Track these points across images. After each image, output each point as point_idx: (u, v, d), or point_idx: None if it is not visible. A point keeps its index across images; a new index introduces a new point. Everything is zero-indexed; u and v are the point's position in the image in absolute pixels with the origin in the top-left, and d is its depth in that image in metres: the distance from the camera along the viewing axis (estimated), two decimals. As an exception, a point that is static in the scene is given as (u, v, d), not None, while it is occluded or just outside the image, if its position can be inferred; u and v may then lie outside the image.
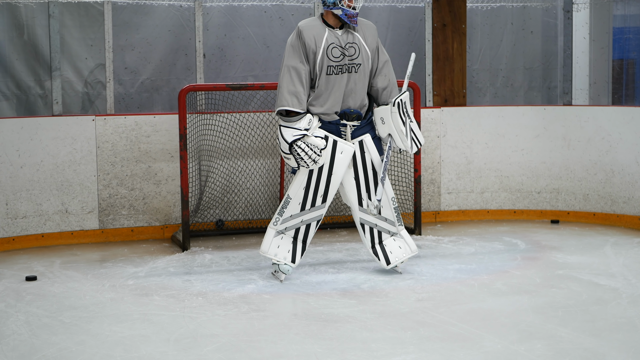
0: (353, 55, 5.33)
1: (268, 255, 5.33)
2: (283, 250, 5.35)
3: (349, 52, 5.32)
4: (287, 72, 5.24)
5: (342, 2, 5.24)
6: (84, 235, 6.61)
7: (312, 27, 5.31)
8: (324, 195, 5.34)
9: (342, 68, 5.31)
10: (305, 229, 5.39)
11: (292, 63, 5.24)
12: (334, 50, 5.29)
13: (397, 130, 5.35)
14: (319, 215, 5.38)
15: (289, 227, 5.36)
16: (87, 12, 6.96)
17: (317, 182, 5.32)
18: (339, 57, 5.30)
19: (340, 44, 5.31)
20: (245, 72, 7.40)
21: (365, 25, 5.46)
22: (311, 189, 5.33)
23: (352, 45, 5.34)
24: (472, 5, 7.79)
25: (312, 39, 5.26)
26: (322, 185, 5.33)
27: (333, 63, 5.29)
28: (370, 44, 5.40)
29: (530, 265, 5.73)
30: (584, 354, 3.94)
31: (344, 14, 5.27)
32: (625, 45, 8.09)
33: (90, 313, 4.65)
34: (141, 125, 6.71)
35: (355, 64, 5.34)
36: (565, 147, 7.32)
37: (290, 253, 5.36)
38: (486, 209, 7.46)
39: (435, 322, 4.44)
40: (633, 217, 6.97)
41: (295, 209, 5.33)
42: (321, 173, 5.31)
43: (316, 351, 4.01)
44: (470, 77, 7.87)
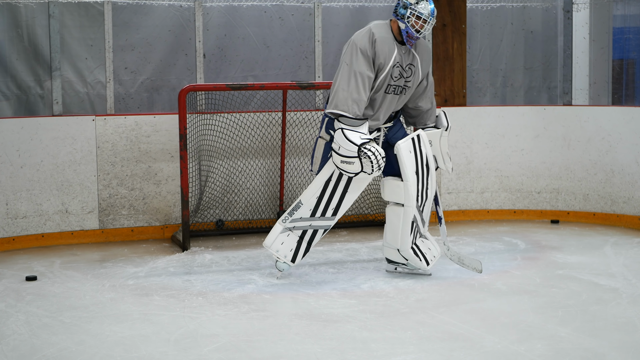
0: (409, 78, 5.30)
1: (270, 249, 5.30)
2: (285, 248, 5.31)
3: (406, 73, 5.27)
4: (354, 77, 5.08)
5: (409, 20, 5.13)
6: (84, 235, 6.61)
7: (386, 39, 5.18)
8: (334, 210, 5.30)
9: (396, 89, 5.29)
10: (312, 232, 5.35)
11: (361, 69, 5.09)
12: (396, 69, 5.22)
13: (443, 153, 5.47)
14: (327, 225, 5.33)
15: (297, 227, 5.32)
16: (87, 12, 6.97)
17: (330, 196, 5.29)
18: (398, 78, 5.25)
19: (402, 64, 5.25)
20: (245, 72, 7.40)
21: (424, 48, 5.39)
22: (323, 200, 5.29)
23: (410, 67, 5.29)
24: (472, 5, 7.79)
25: (384, 52, 5.16)
26: (335, 200, 5.29)
27: (393, 82, 5.24)
28: (424, 68, 5.39)
29: (530, 265, 5.74)
30: (584, 354, 3.94)
31: (406, 31, 5.17)
32: (625, 45, 8.09)
33: (90, 313, 4.65)
34: (141, 125, 6.71)
35: (408, 86, 5.33)
36: (565, 147, 7.32)
37: (292, 252, 5.33)
38: (486, 209, 7.46)
39: (435, 322, 4.44)
40: (633, 217, 6.97)
41: (306, 213, 5.30)
42: (337, 188, 5.27)
43: (316, 351, 4.01)
44: (470, 77, 7.87)
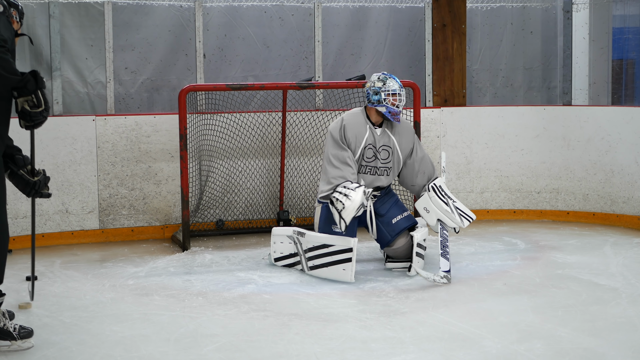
0: (386, 159, 5.58)
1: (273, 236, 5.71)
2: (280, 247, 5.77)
3: (381, 155, 5.55)
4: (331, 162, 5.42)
5: (386, 100, 5.46)
6: (84, 235, 6.62)
7: (356, 124, 5.51)
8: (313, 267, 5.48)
9: (372, 169, 5.57)
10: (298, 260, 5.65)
11: (334, 152, 5.45)
12: (369, 151, 5.52)
13: (442, 211, 5.56)
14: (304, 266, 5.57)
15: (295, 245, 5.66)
16: (87, 12, 6.97)
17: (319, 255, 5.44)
18: (371, 159, 5.54)
19: (375, 145, 5.53)
20: (245, 72, 7.40)
21: (404, 129, 5.65)
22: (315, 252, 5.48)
23: (385, 148, 5.56)
24: (472, 5, 7.79)
25: (354, 136, 5.48)
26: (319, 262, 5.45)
27: (365, 163, 5.54)
28: (404, 148, 5.62)
29: (530, 265, 5.74)
30: (584, 353, 3.94)
31: (388, 111, 5.48)
32: (624, 45, 8.09)
33: (91, 313, 4.65)
34: (141, 125, 6.71)
35: (387, 167, 5.59)
36: (565, 147, 7.32)
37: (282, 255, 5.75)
38: (486, 209, 7.47)
39: (435, 322, 4.45)
40: (632, 217, 6.97)
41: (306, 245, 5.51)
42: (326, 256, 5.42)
43: (316, 351, 4.01)
44: (470, 77, 7.88)
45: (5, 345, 4.03)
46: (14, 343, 4.03)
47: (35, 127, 4.07)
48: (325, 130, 7.05)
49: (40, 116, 4.00)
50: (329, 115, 7.05)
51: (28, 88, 3.91)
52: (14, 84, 3.88)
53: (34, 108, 3.96)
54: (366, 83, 5.61)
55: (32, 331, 4.10)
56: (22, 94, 3.93)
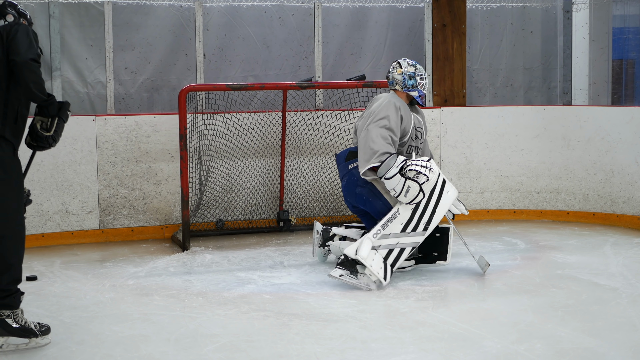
0: (421, 139, 5.66)
1: (366, 262, 5.08)
2: (377, 265, 5.13)
3: (419, 135, 5.63)
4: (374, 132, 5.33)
5: (419, 84, 5.59)
6: (84, 235, 6.61)
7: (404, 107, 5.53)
8: (426, 223, 5.31)
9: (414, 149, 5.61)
10: (397, 253, 5.24)
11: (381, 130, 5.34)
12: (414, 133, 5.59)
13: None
14: (415, 242, 5.30)
15: (384, 245, 5.21)
16: (87, 12, 6.97)
17: (424, 207, 5.31)
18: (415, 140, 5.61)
19: (415, 127, 5.60)
20: (245, 72, 7.40)
21: (421, 112, 5.75)
22: (418, 212, 5.30)
23: (419, 130, 5.64)
24: (472, 5, 7.79)
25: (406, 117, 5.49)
26: (428, 212, 5.32)
27: (413, 144, 5.60)
28: (426, 130, 5.74)
29: (530, 265, 5.74)
30: (584, 353, 3.94)
31: (419, 95, 5.62)
32: (624, 45, 8.10)
33: (91, 313, 4.65)
34: (141, 125, 6.71)
35: (419, 147, 5.65)
36: (565, 147, 7.32)
37: (382, 270, 5.15)
38: (486, 209, 7.47)
39: (435, 322, 4.45)
40: (633, 217, 6.97)
41: (397, 228, 5.24)
42: (430, 200, 5.32)
43: (316, 351, 4.01)
44: (470, 77, 7.88)
45: (23, 343, 4.06)
46: (32, 340, 4.07)
47: (37, 149, 4.20)
48: (325, 130, 7.05)
49: (45, 141, 4.12)
50: (329, 115, 7.05)
51: (49, 110, 4.06)
52: (38, 101, 4.01)
53: (43, 131, 4.09)
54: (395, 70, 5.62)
55: (49, 328, 4.15)
56: (40, 113, 4.08)
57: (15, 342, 4.04)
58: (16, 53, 3.89)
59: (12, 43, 3.92)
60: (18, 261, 4.02)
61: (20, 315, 4.05)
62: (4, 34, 3.95)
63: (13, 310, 4.02)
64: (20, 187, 4.04)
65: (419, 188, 5.21)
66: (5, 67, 3.96)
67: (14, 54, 3.90)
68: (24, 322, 4.05)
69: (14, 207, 3.99)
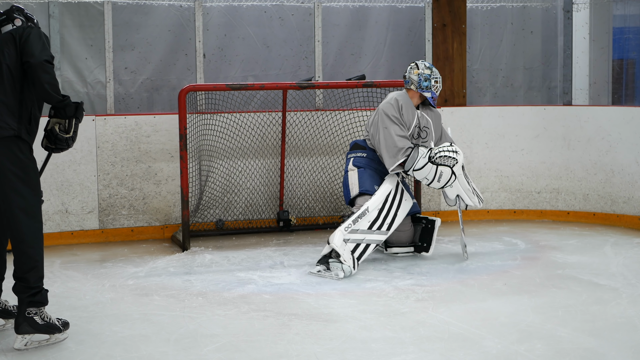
0: (425, 139, 5.94)
1: (339, 249, 5.49)
2: (347, 255, 5.50)
3: (422, 134, 5.94)
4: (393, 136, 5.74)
5: (434, 87, 5.90)
6: (84, 235, 6.61)
7: (409, 105, 5.89)
8: (389, 224, 5.71)
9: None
10: (363, 248, 5.61)
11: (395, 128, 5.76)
12: (415, 130, 5.91)
13: (464, 189, 5.91)
14: (379, 239, 5.68)
15: (352, 239, 5.59)
16: (87, 12, 6.97)
17: (389, 209, 5.73)
18: (417, 138, 5.92)
19: (419, 126, 5.94)
20: (245, 72, 7.40)
21: (434, 113, 6.05)
22: (383, 212, 5.72)
23: (425, 129, 5.96)
24: (472, 5, 7.79)
25: (407, 115, 5.85)
26: (391, 215, 5.74)
27: (413, 141, 5.87)
28: (436, 131, 6.01)
29: (530, 265, 5.74)
30: (584, 354, 3.94)
31: (432, 97, 5.92)
32: (625, 45, 8.09)
33: (90, 313, 4.65)
34: (141, 125, 6.71)
35: (425, 146, 5.87)
36: (565, 147, 7.32)
37: (351, 260, 5.50)
38: (486, 209, 7.46)
39: (435, 322, 4.45)
40: (633, 217, 6.97)
41: (365, 225, 5.63)
42: (392, 204, 5.75)
43: (316, 351, 4.01)
44: (470, 77, 7.87)
45: (44, 339, 4.12)
46: (52, 336, 4.13)
47: (55, 151, 4.27)
48: (325, 130, 7.05)
49: (65, 143, 4.20)
50: (329, 115, 7.05)
51: (66, 112, 4.12)
52: (53, 102, 4.07)
53: (62, 133, 4.16)
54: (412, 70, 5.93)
55: (68, 322, 4.23)
56: (57, 115, 4.15)
57: (38, 338, 4.12)
58: (30, 55, 3.98)
59: (26, 45, 4.00)
60: (41, 259, 4.12)
61: (45, 312, 4.13)
62: (17, 37, 4.04)
63: (41, 307, 4.10)
64: (37, 185, 4.12)
65: (451, 171, 5.65)
66: (19, 68, 4.04)
67: (28, 55, 3.98)
68: (49, 319, 4.12)
69: (34, 205, 4.08)
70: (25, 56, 3.99)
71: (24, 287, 4.06)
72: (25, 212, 4.04)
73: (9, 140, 3.98)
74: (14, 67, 4.02)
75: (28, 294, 4.06)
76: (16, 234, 4.05)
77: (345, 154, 6.89)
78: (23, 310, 4.07)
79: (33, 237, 4.07)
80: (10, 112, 4.01)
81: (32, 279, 4.07)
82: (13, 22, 4.16)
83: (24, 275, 4.06)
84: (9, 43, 4.04)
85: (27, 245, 4.05)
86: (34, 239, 4.07)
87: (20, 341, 4.07)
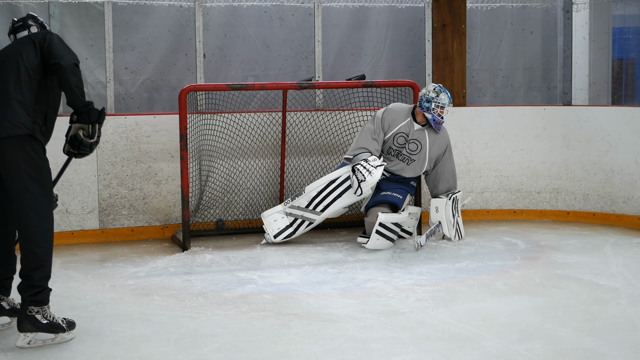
0: (413, 151, 6.37)
1: (264, 219, 6.36)
2: (274, 225, 6.31)
3: (410, 146, 6.35)
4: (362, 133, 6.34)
5: (434, 110, 6.27)
6: (84, 235, 6.62)
7: (398, 111, 6.40)
8: (324, 207, 6.30)
9: (398, 154, 6.38)
10: (299, 223, 6.35)
11: (370, 126, 6.35)
12: (400, 138, 6.35)
13: (447, 220, 6.40)
14: (312, 218, 6.33)
15: (292, 214, 6.34)
16: (87, 12, 6.97)
17: (327, 194, 6.24)
18: (402, 145, 6.36)
19: (406, 136, 6.34)
20: (245, 72, 7.40)
21: (442, 138, 6.43)
22: (321, 196, 6.29)
23: (415, 142, 6.36)
24: (472, 5, 7.79)
25: (391, 119, 6.34)
26: (328, 200, 6.29)
27: (395, 147, 6.38)
28: (434, 150, 6.40)
29: (530, 265, 5.74)
30: (584, 353, 3.94)
31: (433, 119, 6.31)
32: (624, 45, 8.09)
33: (91, 313, 4.65)
34: (141, 125, 6.71)
35: (411, 158, 6.38)
36: (565, 147, 7.32)
37: (279, 230, 6.31)
38: (486, 209, 7.47)
39: (435, 322, 4.45)
40: (633, 217, 6.97)
41: (303, 203, 6.30)
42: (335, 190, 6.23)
43: (316, 351, 4.01)
44: (470, 77, 7.88)
45: (49, 339, 4.13)
46: (58, 335, 4.15)
47: (77, 157, 4.31)
48: (325, 130, 7.06)
49: (88, 149, 4.24)
50: (328, 115, 7.06)
51: (90, 116, 4.16)
52: (78, 105, 4.12)
53: (86, 138, 4.19)
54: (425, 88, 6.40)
55: (74, 322, 4.25)
56: (80, 121, 4.19)
57: (42, 337, 4.14)
58: (60, 57, 4.06)
59: (52, 49, 4.08)
60: (49, 258, 4.13)
61: (48, 311, 4.15)
62: (36, 41, 4.12)
63: (42, 306, 4.12)
64: (50, 186, 4.17)
65: (358, 185, 6.10)
66: (37, 71, 4.11)
67: (57, 58, 4.06)
68: (52, 318, 4.14)
69: (46, 205, 4.12)
70: (53, 59, 4.06)
71: (28, 285, 4.10)
72: (37, 211, 4.07)
73: (23, 139, 4.04)
74: (32, 70, 4.09)
75: (30, 293, 4.09)
76: (26, 232, 4.08)
77: (345, 154, 6.91)
78: (25, 308, 4.09)
79: (43, 236, 4.10)
80: (26, 112, 4.06)
81: (36, 278, 4.09)
82: (29, 29, 4.30)
83: (29, 273, 4.09)
84: (27, 46, 4.12)
85: (36, 244, 4.08)
86: (44, 238, 4.10)
87: (22, 339, 4.09)
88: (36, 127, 4.09)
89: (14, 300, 4.44)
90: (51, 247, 4.14)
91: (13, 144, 4.03)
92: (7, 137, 4.02)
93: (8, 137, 4.02)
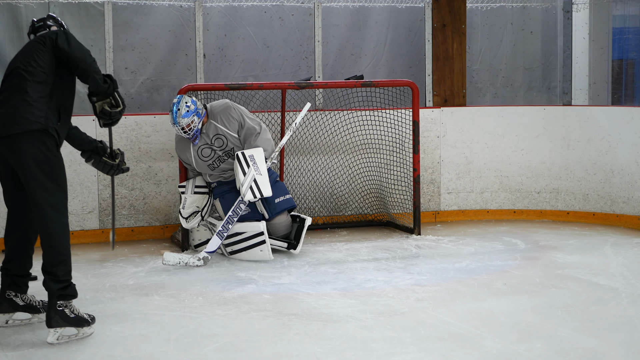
0: (222, 146, 6.04)
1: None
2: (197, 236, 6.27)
3: (217, 143, 6.02)
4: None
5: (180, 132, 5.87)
6: (84, 235, 6.61)
7: (178, 142, 6.07)
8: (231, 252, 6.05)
9: (217, 160, 6.07)
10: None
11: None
12: (205, 150, 6.01)
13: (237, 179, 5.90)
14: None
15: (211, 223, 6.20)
16: (87, 12, 6.97)
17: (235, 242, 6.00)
18: (210, 155, 6.05)
19: (209, 142, 5.99)
20: (245, 72, 7.40)
21: (217, 110, 6.03)
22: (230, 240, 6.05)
23: (217, 137, 6.01)
24: (472, 5, 7.79)
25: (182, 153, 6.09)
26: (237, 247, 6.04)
27: (209, 162, 6.06)
28: (230, 128, 6.03)
29: (530, 265, 5.74)
30: (584, 354, 3.94)
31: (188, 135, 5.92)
32: (624, 45, 8.10)
33: (91, 313, 4.65)
34: (141, 125, 6.71)
35: (227, 151, 6.05)
36: (565, 147, 7.32)
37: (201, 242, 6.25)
38: (486, 209, 7.47)
39: (435, 322, 4.45)
40: (632, 217, 6.97)
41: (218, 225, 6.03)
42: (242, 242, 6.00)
43: (316, 351, 4.01)
44: (470, 77, 7.88)
45: (73, 334, 4.18)
46: (80, 330, 4.20)
47: (113, 124, 4.55)
48: (326, 130, 7.05)
49: (120, 115, 4.48)
50: (328, 115, 7.05)
51: (107, 92, 4.38)
52: (101, 91, 4.37)
53: (113, 108, 4.44)
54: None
55: (94, 317, 4.31)
56: (100, 98, 4.40)
57: (68, 333, 4.19)
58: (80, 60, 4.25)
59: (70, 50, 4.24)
60: (69, 253, 4.20)
61: (74, 305, 4.22)
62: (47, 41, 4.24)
63: (70, 300, 4.19)
64: (64, 182, 4.21)
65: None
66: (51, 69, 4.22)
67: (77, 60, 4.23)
68: (78, 312, 4.21)
69: (61, 200, 4.18)
70: (75, 61, 4.22)
71: (53, 280, 4.15)
72: (54, 207, 4.13)
73: (36, 134, 4.11)
74: (47, 67, 4.20)
75: (58, 288, 4.14)
76: (45, 228, 4.13)
77: (344, 154, 6.92)
78: (54, 303, 4.14)
79: (60, 232, 4.16)
80: (39, 108, 4.13)
81: (60, 273, 4.15)
82: (49, 29, 4.48)
83: (52, 269, 4.15)
84: (40, 46, 4.23)
85: (56, 239, 4.14)
86: (61, 233, 4.16)
87: (52, 335, 4.14)
88: (49, 123, 4.15)
89: (30, 297, 4.48)
90: (68, 242, 4.20)
91: (26, 140, 4.09)
92: (21, 133, 4.09)
93: (22, 133, 4.09)
